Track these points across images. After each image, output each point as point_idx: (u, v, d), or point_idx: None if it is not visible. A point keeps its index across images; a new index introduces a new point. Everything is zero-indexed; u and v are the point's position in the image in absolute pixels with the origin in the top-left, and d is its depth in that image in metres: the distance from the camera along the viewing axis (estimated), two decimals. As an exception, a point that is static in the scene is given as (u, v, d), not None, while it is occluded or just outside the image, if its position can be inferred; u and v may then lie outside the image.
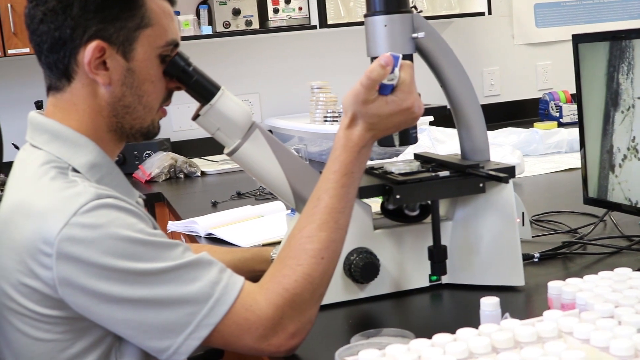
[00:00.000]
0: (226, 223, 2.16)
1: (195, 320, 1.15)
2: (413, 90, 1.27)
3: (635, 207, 1.56)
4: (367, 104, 1.24)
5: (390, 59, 1.23)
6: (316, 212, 1.24)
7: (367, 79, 1.23)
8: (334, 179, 1.25)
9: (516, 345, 1.05)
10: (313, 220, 1.24)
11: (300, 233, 1.24)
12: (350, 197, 1.27)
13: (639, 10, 4.28)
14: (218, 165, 3.26)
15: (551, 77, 4.16)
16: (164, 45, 1.29)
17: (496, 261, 1.47)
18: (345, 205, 1.25)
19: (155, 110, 1.33)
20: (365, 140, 1.26)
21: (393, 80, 1.25)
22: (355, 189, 1.28)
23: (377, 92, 1.25)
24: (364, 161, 1.28)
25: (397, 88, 1.26)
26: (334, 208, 1.24)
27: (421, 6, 3.62)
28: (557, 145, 2.99)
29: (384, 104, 1.25)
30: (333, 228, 1.24)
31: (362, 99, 1.24)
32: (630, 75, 1.50)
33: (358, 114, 1.25)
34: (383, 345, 1.10)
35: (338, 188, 1.25)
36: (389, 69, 1.23)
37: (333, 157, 1.27)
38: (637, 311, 1.10)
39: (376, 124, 1.26)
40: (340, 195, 1.25)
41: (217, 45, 3.59)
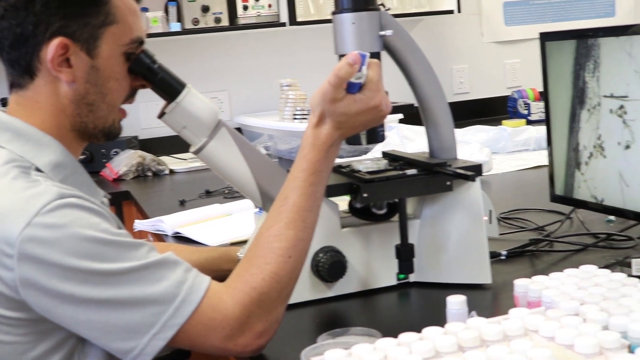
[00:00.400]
0: (194, 222, 2.14)
1: (161, 320, 1.13)
2: (380, 89, 1.27)
3: (600, 205, 1.57)
4: (335, 103, 1.24)
5: (358, 57, 1.23)
6: (284, 211, 1.24)
7: (335, 77, 1.23)
8: (301, 177, 1.25)
9: (482, 343, 1.05)
10: (281, 219, 1.23)
11: (268, 232, 1.23)
12: (318, 196, 1.27)
13: (607, 8, 4.32)
14: (187, 163, 3.24)
15: (520, 75, 4.18)
16: (129, 42, 1.28)
17: (463, 259, 1.47)
18: (313, 203, 1.25)
19: (117, 108, 1.31)
20: (334, 139, 1.26)
21: (361, 78, 1.25)
22: (323, 188, 1.28)
23: (345, 90, 1.25)
24: (332, 160, 1.28)
25: (364, 86, 1.26)
26: (302, 206, 1.24)
27: (390, 4, 3.62)
28: (525, 143, 3.01)
29: (352, 102, 1.25)
30: (301, 227, 1.24)
31: (330, 97, 1.24)
32: (596, 73, 1.51)
33: (326, 112, 1.25)
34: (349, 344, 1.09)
35: (306, 187, 1.25)
36: (357, 67, 1.23)
37: (301, 156, 1.27)
38: (602, 309, 1.11)
39: (344, 122, 1.26)
40: (308, 193, 1.25)
41: (185, 42, 3.56)
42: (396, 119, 3.07)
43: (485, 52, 4.14)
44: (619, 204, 1.51)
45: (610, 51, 1.47)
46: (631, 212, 1.49)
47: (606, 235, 1.73)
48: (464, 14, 3.88)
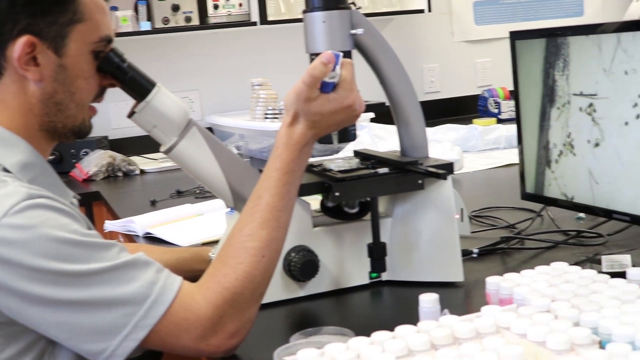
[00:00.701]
0: (165, 222, 2.13)
1: (132, 321, 1.12)
2: (354, 88, 1.28)
3: (571, 202, 1.58)
4: (309, 102, 1.24)
5: (332, 56, 1.23)
6: (257, 211, 1.23)
7: (310, 76, 1.23)
8: (275, 177, 1.25)
9: (455, 341, 1.05)
10: (254, 219, 1.23)
11: (241, 232, 1.23)
12: (292, 195, 1.26)
13: (575, 8, 4.36)
14: (157, 163, 3.22)
15: (490, 74, 4.20)
16: (97, 40, 1.26)
17: (435, 257, 1.48)
18: (286, 203, 1.25)
19: (86, 107, 1.30)
20: (307, 139, 1.27)
21: (334, 78, 1.25)
22: (297, 187, 1.28)
23: (319, 90, 1.25)
24: (305, 159, 1.28)
25: (338, 86, 1.26)
26: (275, 206, 1.24)
27: (361, 3, 3.62)
28: (496, 142, 3.03)
29: (326, 102, 1.25)
30: (274, 226, 1.23)
31: (304, 96, 1.24)
32: (566, 71, 1.52)
33: (300, 112, 1.25)
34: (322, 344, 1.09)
35: (279, 186, 1.24)
36: (331, 67, 1.24)
37: (274, 155, 1.26)
38: (573, 305, 1.12)
39: (318, 121, 1.26)
40: (282, 193, 1.24)
41: (156, 41, 3.54)
42: (367, 118, 3.07)
43: (455, 51, 4.16)
44: (589, 201, 1.53)
45: (579, 50, 1.48)
46: (601, 210, 1.51)
47: (576, 233, 1.75)
48: (434, 13, 3.89)
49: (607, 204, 1.48)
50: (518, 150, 1.70)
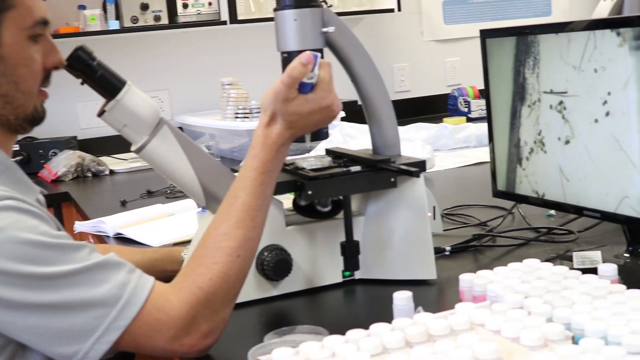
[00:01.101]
0: (135, 222, 2.11)
1: (104, 323, 1.11)
2: (332, 89, 1.28)
3: (542, 199, 1.59)
4: (288, 103, 1.24)
5: (311, 57, 1.23)
6: (233, 210, 1.23)
7: (289, 77, 1.23)
8: (251, 176, 1.24)
9: (429, 338, 1.05)
10: (229, 218, 1.22)
11: (216, 231, 1.22)
12: (268, 195, 1.26)
13: (543, 8, 4.40)
14: (127, 163, 3.20)
15: (459, 73, 4.23)
16: (32, 25, 1.22)
17: (408, 255, 1.48)
18: (262, 203, 1.25)
19: (35, 94, 1.26)
20: (284, 139, 1.26)
21: (313, 78, 1.26)
22: (273, 187, 1.27)
23: (297, 90, 1.25)
24: (282, 159, 1.28)
25: (316, 86, 1.27)
26: (251, 206, 1.23)
27: (331, 2, 3.62)
28: (466, 140, 3.04)
29: (304, 102, 1.25)
30: (250, 226, 1.23)
31: (282, 97, 1.24)
32: (536, 69, 1.53)
33: (278, 112, 1.25)
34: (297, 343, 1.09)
35: (256, 186, 1.24)
36: (310, 67, 1.24)
37: (251, 155, 1.26)
38: (545, 301, 1.13)
39: (295, 122, 1.26)
40: (258, 193, 1.24)
41: (125, 40, 3.51)
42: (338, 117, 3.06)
43: (425, 50, 4.17)
44: (560, 198, 1.54)
45: (549, 48, 1.49)
46: (571, 206, 1.52)
47: (547, 230, 1.76)
48: (404, 12, 3.90)
49: (578, 201, 1.49)
50: (489, 148, 1.71)
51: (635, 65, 1.31)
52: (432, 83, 4.18)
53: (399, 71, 4.11)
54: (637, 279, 1.37)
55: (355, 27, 3.86)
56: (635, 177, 1.35)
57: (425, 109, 4.08)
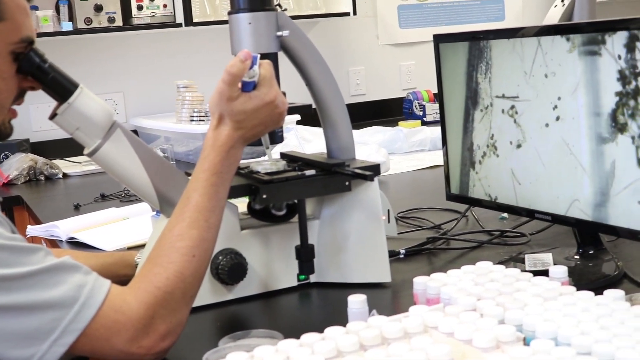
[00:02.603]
0: (89, 226, 2.09)
1: (61, 325, 1.10)
2: (274, 85, 1.30)
3: (494, 203, 1.61)
4: (232, 101, 1.26)
5: (249, 53, 1.26)
6: (186, 211, 1.24)
7: (228, 74, 1.25)
8: (203, 178, 1.25)
9: (383, 341, 1.06)
10: (183, 219, 1.23)
11: (171, 232, 1.23)
12: (221, 197, 1.27)
13: (497, 13, 4.45)
14: (81, 166, 3.16)
15: (415, 77, 4.26)
16: (17, 41, 1.23)
17: (363, 259, 1.49)
18: (215, 204, 1.25)
19: (5, 109, 1.26)
20: (234, 140, 1.27)
21: (254, 77, 1.27)
22: (226, 189, 1.28)
23: (240, 89, 1.27)
24: (234, 161, 1.29)
25: (258, 84, 1.28)
26: (205, 207, 1.24)
27: (287, 5, 3.62)
28: (421, 144, 3.07)
29: (248, 100, 1.27)
30: (204, 227, 1.23)
31: (226, 96, 1.26)
32: (488, 74, 1.55)
33: (224, 113, 1.27)
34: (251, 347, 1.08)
35: (208, 187, 1.25)
36: (248, 63, 1.25)
37: (202, 157, 1.27)
38: (498, 303, 1.14)
39: (243, 121, 1.27)
40: (210, 194, 1.25)
41: (78, 42, 3.47)
42: (294, 120, 3.07)
43: (380, 54, 4.20)
44: (512, 201, 1.56)
45: (501, 53, 1.51)
46: (523, 209, 1.54)
47: (500, 232, 1.78)
48: (359, 16, 3.92)
49: (529, 204, 1.51)
50: (443, 151, 1.73)
51: (584, 70, 1.34)
52: (387, 87, 4.20)
53: (355, 75, 4.12)
54: (587, 280, 1.40)
55: (311, 30, 3.87)
56: (584, 180, 1.38)
57: (380, 112, 4.10)
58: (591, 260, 1.49)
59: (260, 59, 1.29)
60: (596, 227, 1.40)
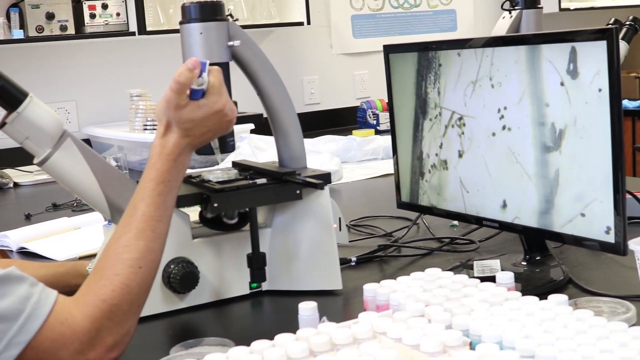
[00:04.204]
0: (40, 236, 2.07)
1: (6, 338, 1.09)
2: (223, 93, 1.28)
3: (444, 210, 1.64)
4: (179, 109, 1.24)
5: (197, 62, 1.24)
6: (133, 221, 1.22)
7: (176, 83, 1.23)
8: (150, 187, 1.23)
9: (333, 347, 1.07)
10: (130, 230, 1.21)
11: (117, 242, 1.21)
12: (168, 206, 1.25)
13: (449, 24, 4.51)
14: (33, 175, 3.12)
15: (368, 86, 4.29)
16: None
17: (314, 266, 1.50)
18: (162, 213, 1.24)
19: None
20: (181, 148, 1.26)
21: (203, 85, 1.25)
22: (174, 198, 1.27)
23: (188, 97, 1.26)
24: (181, 169, 1.27)
25: (207, 92, 1.27)
26: (151, 216, 1.22)
27: (241, 15, 3.63)
28: (374, 152, 3.09)
29: (196, 108, 1.25)
30: (151, 237, 1.22)
31: (173, 104, 1.24)
32: (437, 84, 1.58)
33: (172, 120, 1.25)
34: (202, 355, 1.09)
35: (155, 196, 1.23)
36: (197, 72, 1.24)
37: (149, 165, 1.25)
38: (445, 309, 1.16)
39: (191, 129, 1.26)
40: (157, 203, 1.23)
41: (29, 50, 3.44)
42: (247, 129, 3.08)
43: (334, 63, 4.22)
44: (461, 209, 1.58)
45: (449, 63, 1.54)
46: (472, 217, 1.57)
47: (450, 240, 1.81)
48: (313, 26, 3.94)
49: (478, 212, 1.54)
50: (393, 160, 1.75)
51: (529, 81, 1.37)
52: (341, 96, 4.23)
53: (309, 84, 4.14)
54: (533, 286, 1.43)
55: (265, 40, 3.88)
56: (530, 188, 1.41)
57: (334, 121, 4.12)
58: (538, 266, 1.52)
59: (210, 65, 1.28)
60: (542, 234, 1.43)
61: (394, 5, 4.34)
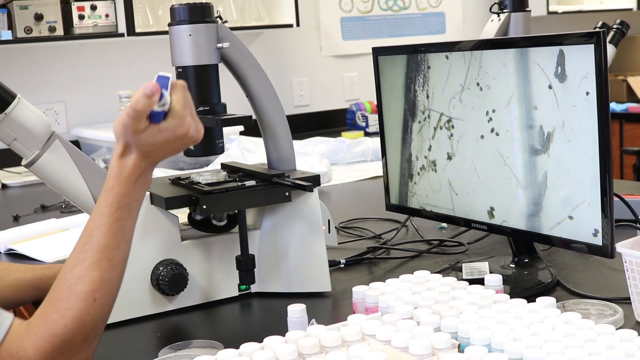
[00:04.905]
0: (29, 237, 2.06)
1: None
2: (187, 115, 1.14)
3: (433, 213, 1.64)
4: (138, 134, 1.11)
5: (157, 87, 1.09)
6: (88, 250, 1.12)
7: (133, 110, 1.09)
8: (107, 213, 1.12)
9: (322, 350, 1.07)
10: (84, 259, 1.11)
11: (71, 272, 1.11)
12: (127, 231, 1.15)
13: (438, 26, 4.52)
14: (21, 177, 3.11)
15: (357, 88, 4.30)
16: None
17: (303, 268, 1.50)
18: (121, 239, 1.13)
19: None
20: (142, 169, 1.14)
21: (165, 105, 1.11)
22: (134, 219, 1.16)
23: (148, 120, 1.12)
24: (142, 190, 1.16)
25: (169, 114, 1.12)
26: (108, 245, 1.12)
27: (230, 17, 3.63)
28: (363, 154, 3.10)
29: (157, 132, 1.12)
30: (106, 267, 1.11)
31: (131, 130, 1.10)
32: (426, 87, 1.58)
33: (130, 143, 1.13)
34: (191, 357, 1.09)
35: (112, 223, 1.12)
36: (156, 99, 1.09)
37: (106, 189, 1.14)
38: (434, 312, 1.16)
39: (151, 151, 1.14)
40: (114, 230, 1.12)
41: (18, 51, 3.42)
42: (237, 131, 3.08)
43: (324, 65, 4.23)
44: (450, 211, 1.59)
45: (438, 66, 1.54)
46: (461, 219, 1.57)
47: (439, 242, 1.81)
48: (302, 28, 3.94)
49: (466, 214, 1.55)
50: (382, 162, 1.75)
51: (517, 84, 1.38)
52: (330, 98, 4.23)
53: (298, 86, 4.14)
54: (521, 288, 1.43)
55: (255, 41, 3.88)
56: (518, 191, 1.41)
57: (323, 123, 4.13)
58: (526, 268, 1.53)
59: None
60: (530, 237, 1.44)
61: (383, 8, 4.35)
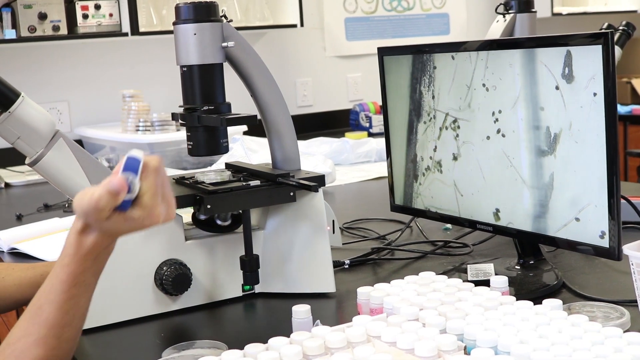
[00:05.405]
0: (32, 237, 2.06)
1: None
2: (156, 205, 1.03)
3: (438, 214, 1.63)
4: (101, 221, 1.01)
5: (123, 184, 0.99)
6: (35, 324, 1.04)
7: (94, 208, 0.99)
8: (60, 290, 1.04)
9: (327, 351, 1.07)
10: (30, 333, 1.04)
11: (16, 344, 1.04)
12: (81, 306, 1.07)
13: (442, 27, 4.51)
14: (24, 176, 3.11)
15: (361, 89, 4.29)
16: None
17: (308, 269, 1.49)
18: (73, 316, 1.06)
19: None
20: (102, 248, 1.05)
21: (132, 193, 1.01)
22: (90, 294, 1.08)
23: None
24: (103, 262, 1.07)
25: (137, 203, 1.02)
26: (57, 323, 1.04)
27: (234, 16, 3.62)
28: (367, 155, 3.09)
29: (122, 221, 1.02)
30: (53, 345, 1.04)
31: (93, 217, 1.01)
32: (431, 87, 1.57)
33: (92, 224, 1.03)
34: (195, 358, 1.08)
35: (63, 301, 1.04)
36: (122, 196, 0.99)
37: (61, 264, 1.04)
38: (440, 313, 1.16)
39: (115, 234, 1.05)
40: (66, 309, 1.04)
41: (22, 50, 3.42)
42: (240, 130, 3.07)
43: (327, 66, 4.22)
44: (455, 212, 1.58)
45: (443, 66, 1.54)
46: (466, 220, 1.56)
47: (444, 243, 1.81)
48: (306, 28, 3.94)
49: (471, 215, 1.54)
50: (387, 163, 1.74)
51: (523, 84, 1.37)
52: (334, 98, 4.23)
53: (302, 86, 4.14)
54: (527, 290, 1.43)
55: (259, 41, 3.87)
56: (524, 192, 1.40)
57: (327, 123, 4.12)
58: (531, 270, 1.52)
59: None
60: (536, 238, 1.43)
61: (387, 9, 4.34)
